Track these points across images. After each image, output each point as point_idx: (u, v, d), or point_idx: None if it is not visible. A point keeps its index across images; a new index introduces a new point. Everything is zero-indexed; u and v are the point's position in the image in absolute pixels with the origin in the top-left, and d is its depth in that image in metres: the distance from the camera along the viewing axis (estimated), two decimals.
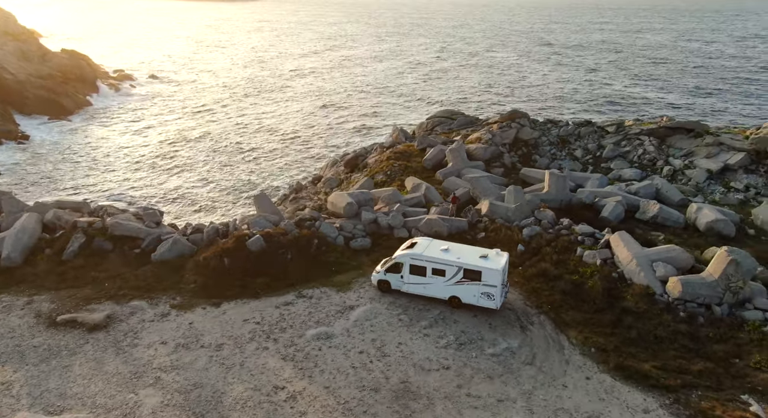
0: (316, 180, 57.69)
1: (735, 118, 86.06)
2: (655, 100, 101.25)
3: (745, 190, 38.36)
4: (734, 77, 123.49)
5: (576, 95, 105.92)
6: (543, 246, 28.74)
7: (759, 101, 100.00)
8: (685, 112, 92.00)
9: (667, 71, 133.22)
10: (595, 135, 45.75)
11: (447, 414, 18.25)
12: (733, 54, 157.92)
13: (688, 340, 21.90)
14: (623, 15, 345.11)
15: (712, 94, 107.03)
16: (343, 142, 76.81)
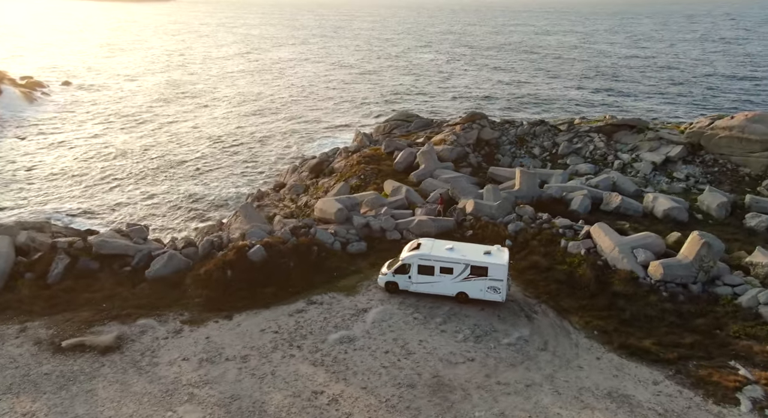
0: (279, 187, 57.45)
1: (644, 113, 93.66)
2: (576, 98, 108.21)
3: (686, 179, 42.47)
4: (641, 75, 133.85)
5: (503, 95, 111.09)
6: (529, 240, 30.76)
7: (662, 97, 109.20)
8: (605, 108, 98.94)
9: (582, 70, 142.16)
10: (549, 133, 48.83)
11: (484, 402, 19.53)
12: (635, 54, 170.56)
13: (674, 317, 24.48)
14: (533, 17, 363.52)
15: (621, 91, 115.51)
16: (284, 148, 76.87)
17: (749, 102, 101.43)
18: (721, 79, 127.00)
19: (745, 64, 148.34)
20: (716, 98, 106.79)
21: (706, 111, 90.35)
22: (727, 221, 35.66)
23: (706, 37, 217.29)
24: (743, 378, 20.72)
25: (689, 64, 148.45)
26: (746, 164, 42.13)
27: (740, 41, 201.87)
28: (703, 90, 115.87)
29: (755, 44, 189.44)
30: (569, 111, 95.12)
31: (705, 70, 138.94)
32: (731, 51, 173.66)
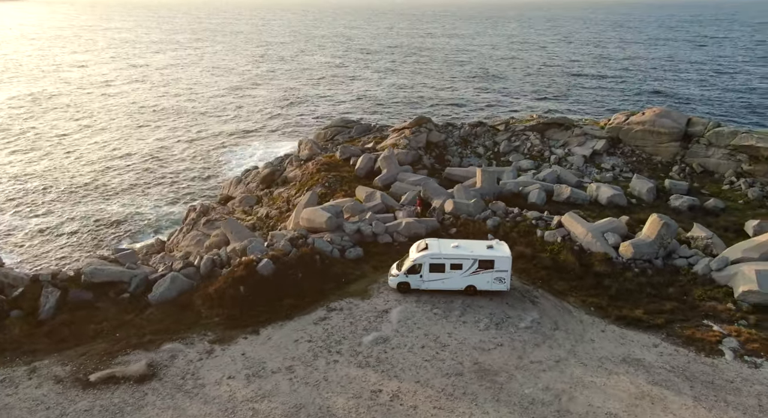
0: (225, 200, 56.37)
1: (524, 111, 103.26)
2: (473, 98, 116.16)
3: (612, 169, 48.17)
4: (522, 74, 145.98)
5: (402, 97, 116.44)
6: (508, 233, 33.73)
7: (541, 95, 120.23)
8: (502, 108, 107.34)
9: (472, 71, 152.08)
10: (489, 134, 52.74)
11: (528, 380, 21.85)
12: (513, 56, 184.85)
13: (650, 288, 28.51)
14: (409, 20, 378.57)
15: (507, 91, 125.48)
16: (195, 160, 76.23)
17: (625, 101, 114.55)
18: (589, 78, 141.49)
19: (609, 65, 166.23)
20: (587, 96, 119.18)
21: (581, 109, 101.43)
22: (656, 203, 41.29)
23: (569, 39, 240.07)
24: (719, 333, 24.95)
25: (561, 64, 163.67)
26: (658, 153, 48.66)
27: (602, 44, 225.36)
28: (569, 89, 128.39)
29: (613, 47, 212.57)
30: (476, 112, 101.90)
31: (573, 70, 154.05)
32: (592, 52, 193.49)
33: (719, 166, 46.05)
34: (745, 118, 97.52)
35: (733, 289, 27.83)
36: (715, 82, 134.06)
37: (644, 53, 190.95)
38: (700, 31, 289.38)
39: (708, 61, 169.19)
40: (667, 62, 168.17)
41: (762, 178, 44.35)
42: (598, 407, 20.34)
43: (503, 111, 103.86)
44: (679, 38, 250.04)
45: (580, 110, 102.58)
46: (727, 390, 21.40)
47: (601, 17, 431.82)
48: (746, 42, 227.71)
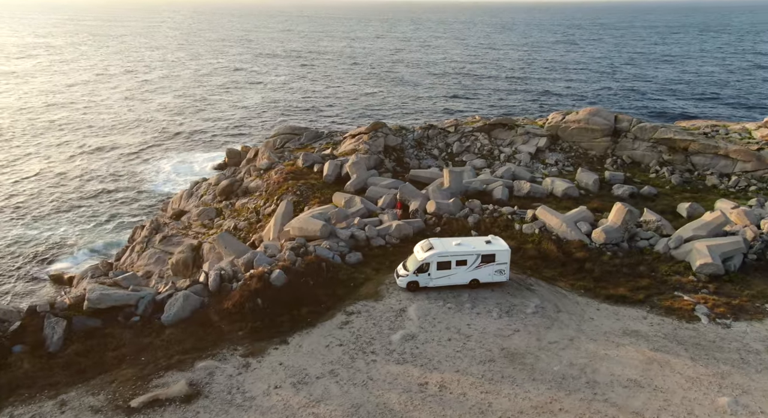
0: (178, 215, 54.72)
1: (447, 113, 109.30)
2: (390, 101, 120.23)
3: (555, 164, 52.65)
4: (431, 76, 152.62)
5: (314, 101, 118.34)
6: (489, 228, 36.31)
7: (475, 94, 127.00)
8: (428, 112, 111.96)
9: (381, 74, 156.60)
10: (441, 136, 55.48)
11: (552, 359, 24.24)
12: (419, 58, 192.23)
13: (625, 268, 32.19)
14: (306, 22, 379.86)
15: (427, 92, 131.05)
16: (103, 179, 74.94)
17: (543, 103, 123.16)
18: (491, 80, 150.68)
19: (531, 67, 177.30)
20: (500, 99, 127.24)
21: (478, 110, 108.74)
22: (601, 193, 45.89)
23: (464, 41, 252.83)
24: (690, 302, 28.95)
25: (460, 65, 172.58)
26: (592, 148, 53.85)
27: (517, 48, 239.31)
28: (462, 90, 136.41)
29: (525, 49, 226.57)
30: (402, 117, 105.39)
31: (475, 71, 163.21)
32: (483, 53, 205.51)
33: (644, 157, 51.91)
34: (637, 109, 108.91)
35: (691, 263, 32.19)
36: (600, 79, 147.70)
37: (535, 55, 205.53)
38: (601, 34, 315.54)
39: (596, 60, 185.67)
40: (549, 63, 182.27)
41: (680, 166, 50.62)
42: (619, 375, 23.15)
43: (423, 113, 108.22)
44: (560, 41, 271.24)
45: (489, 110, 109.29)
46: (713, 349, 25.13)
47: (489, 20, 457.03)
48: (619, 44, 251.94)
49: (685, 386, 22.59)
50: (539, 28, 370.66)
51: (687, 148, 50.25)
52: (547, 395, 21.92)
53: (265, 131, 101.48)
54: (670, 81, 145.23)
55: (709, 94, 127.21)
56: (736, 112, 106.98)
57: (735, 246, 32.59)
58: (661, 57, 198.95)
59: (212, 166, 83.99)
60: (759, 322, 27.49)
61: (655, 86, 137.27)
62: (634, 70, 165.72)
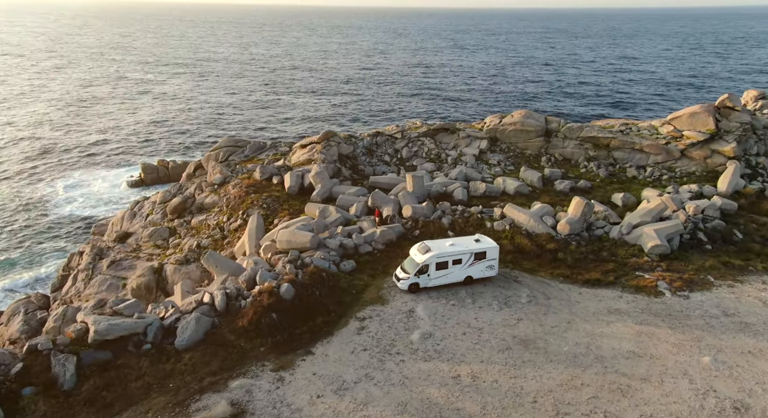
0: (122, 237, 52.04)
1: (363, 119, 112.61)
2: (300, 111, 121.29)
3: (498, 164, 56.55)
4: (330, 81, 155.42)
5: (260, 112, 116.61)
6: (464, 228, 38.75)
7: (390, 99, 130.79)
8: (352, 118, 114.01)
9: (312, 80, 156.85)
10: (389, 142, 57.39)
11: (559, 341, 26.84)
12: (311, 66, 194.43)
13: (591, 255, 35.93)
14: (188, 25, 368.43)
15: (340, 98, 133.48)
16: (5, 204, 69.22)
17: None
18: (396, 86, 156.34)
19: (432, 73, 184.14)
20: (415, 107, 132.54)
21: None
22: (546, 189, 50.17)
23: (360, 47, 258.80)
24: (652, 280, 33.12)
25: (359, 71, 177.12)
26: (528, 147, 58.43)
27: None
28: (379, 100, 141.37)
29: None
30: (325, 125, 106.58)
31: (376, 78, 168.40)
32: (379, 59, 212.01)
33: (573, 154, 57.26)
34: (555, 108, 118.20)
35: (642, 246, 36.66)
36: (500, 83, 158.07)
37: (433, 59, 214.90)
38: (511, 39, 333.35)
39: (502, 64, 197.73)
40: (441, 67, 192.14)
41: (604, 161, 56.44)
42: (618, 348, 26.28)
43: (347, 119, 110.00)
44: (450, 46, 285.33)
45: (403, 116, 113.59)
46: (682, 318, 29.15)
47: (382, 25, 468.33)
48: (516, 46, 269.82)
49: (673, 351, 26.18)
50: (429, 33, 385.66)
51: (609, 145, 56.15)
52: (567, 373, 24.48)
53: (172, 144, 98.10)
54: (566, 84, 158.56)
55: (592, 95, 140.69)
56: (630, 111, 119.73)
57: (675, 228, 37.56)
58: (547, 61, 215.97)
59: (127, 183, 79.86)
60: (708, 291, 32.14)
61: (550, 88, 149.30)
62: (527, 73, 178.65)
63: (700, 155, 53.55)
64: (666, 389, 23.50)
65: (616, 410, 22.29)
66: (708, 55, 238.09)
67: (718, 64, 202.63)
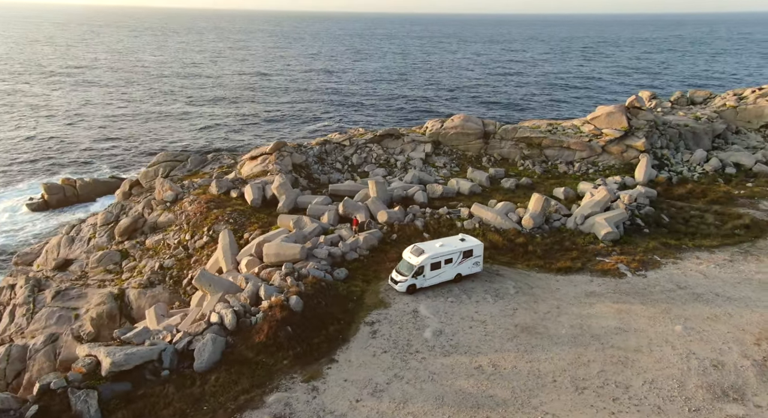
0: (62, 265, 48.55)
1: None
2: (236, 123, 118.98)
3: (444, 166, 59.45)
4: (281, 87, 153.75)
5: (169, 125, 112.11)
6: (437, 229, 40.81)
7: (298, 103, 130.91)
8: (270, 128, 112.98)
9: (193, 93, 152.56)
10: (338, 150, 58.25)
11: (557, 325, 29.46)
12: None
13: (556, 245, 39.40)
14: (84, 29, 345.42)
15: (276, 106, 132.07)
16: None
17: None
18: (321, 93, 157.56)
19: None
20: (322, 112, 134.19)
21: None
22: (495, 187, 53.70)
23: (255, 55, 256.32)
24: (612, 263, 37.12)
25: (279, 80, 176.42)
26: (469, 149, 61.94)
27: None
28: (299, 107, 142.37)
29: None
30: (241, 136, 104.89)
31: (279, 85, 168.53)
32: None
33: (510, 153, 61.57)
34: None
35: (596, 233, 40.81)
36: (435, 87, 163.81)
37: (335, 65, 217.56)
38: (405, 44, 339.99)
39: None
40: (343, 73, 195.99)
41: (537, 159, 61.27)
42: (607, 326, 29.47)
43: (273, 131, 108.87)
44: (349, 50, 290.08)
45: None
46: (647, 294, 33.14)
47: (271, 29, 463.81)
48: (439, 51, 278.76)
49: (650, 324, 29.86)
50: (327, 38, 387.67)
51: (541, 144, 61.05)
52: (572, 352, 27.17)
53: (65, 161, 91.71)
54: (467, 88, 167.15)
55: (487, 98, 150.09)
56: (547, 111, 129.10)
57: (621, 216, 42.19)
58: (462, 63, 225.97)
59: (28, 206, 73.01)
60: (659, 269, 36.65)
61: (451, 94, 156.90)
62: (423, 77, 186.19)
63: (618, 150, 59.82)
64: (656, 357, 26.91)
65: (623, 379, 25.24)
66: (602, 58, 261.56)
67: (607, 68, 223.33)
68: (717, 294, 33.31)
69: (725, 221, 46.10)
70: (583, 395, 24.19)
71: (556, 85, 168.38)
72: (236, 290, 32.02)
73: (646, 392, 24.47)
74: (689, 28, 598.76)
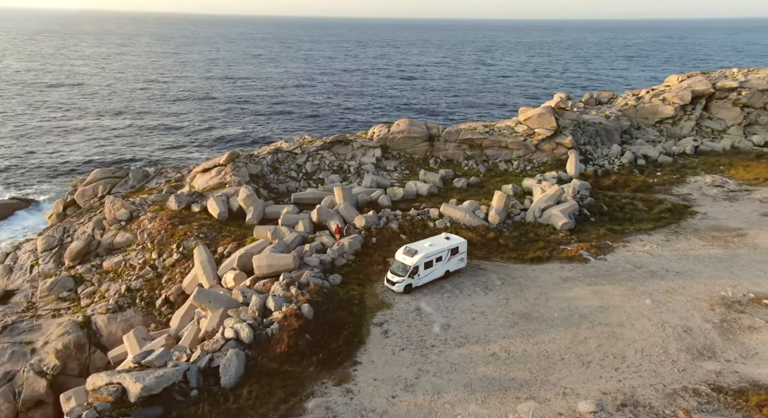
0: (4, 297, 44.85)
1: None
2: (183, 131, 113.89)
3: (395, 170, 61.40)
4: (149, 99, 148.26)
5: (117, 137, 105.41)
6: (412, 230, 42.60)
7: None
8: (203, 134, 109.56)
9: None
10: (290, 158, 58.30)
11: (548, 310, 32.21)
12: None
13: (523, 238, 42.58)
14: None
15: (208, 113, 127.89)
16: None
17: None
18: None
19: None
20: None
21: None
22: (449, 187, 56.47)
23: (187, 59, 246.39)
24: (574, 250, 40.91)
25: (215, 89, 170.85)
26: (415, 152, 64.38)
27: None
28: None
29: None
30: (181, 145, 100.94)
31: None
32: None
33: (454, 155, 64.83)
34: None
35: (554, 225, 44.63)
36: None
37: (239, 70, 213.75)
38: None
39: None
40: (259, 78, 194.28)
41: (479, 158, 65.04)
42: (590, 306, 32.74)
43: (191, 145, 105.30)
44: (262, 55, 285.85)
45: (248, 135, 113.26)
46: (612, 275, 37.03)
47: (158, 32, 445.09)
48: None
49: (624, 300, 33.59)
50: (224, 42, 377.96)
51: (482, 145, 64.87)
52: (569, 332, 30.05)
53: None
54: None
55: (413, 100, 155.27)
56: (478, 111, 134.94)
57: (573, 207, 46.41)
58: (346, 68, 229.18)
59: None
60: (614, 252, 40.95)
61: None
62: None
63: (549, 148, 65.03)
64: (638, 329, 30.48)
65: (618, 351, 28.43)
66: (497, 61, 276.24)
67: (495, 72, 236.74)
68: (667, 270, 37.96)
69: (651, 207, 51.96)
70: (590, 369, 27.01)
71: (450, 90, 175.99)
72: (236, 305, 31.78)
73: (640, 359, 27.77)
74: (567, 33, 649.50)
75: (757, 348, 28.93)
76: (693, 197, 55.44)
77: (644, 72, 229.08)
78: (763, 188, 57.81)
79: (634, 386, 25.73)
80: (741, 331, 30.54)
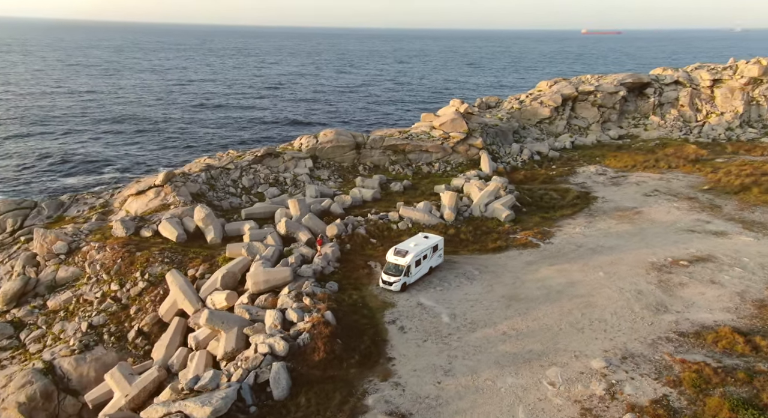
0: None
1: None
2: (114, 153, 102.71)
3: (329, 179, 62.84)
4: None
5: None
6: (379, 234, 44.84)
7: None
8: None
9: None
10: (224, 174, 57.14)
11: (529, 290, 36.39)
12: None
13: (478, 231, 46.80)
14: None
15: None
16: None
17: None
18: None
19: None
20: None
21: None
22: (388, 191, 59.31)
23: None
24: (524, 237, 46.05)
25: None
26: (344, 160, 66.34)
27: None
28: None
29: None
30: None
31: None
32: None
33: (380, 160, 67.89)
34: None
35: (498, 217, 49.65)
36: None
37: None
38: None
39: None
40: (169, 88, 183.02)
41: (403, 163, 68.85)
42: (560, 282, 37.62)
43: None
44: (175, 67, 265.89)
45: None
46: (564, 255, 42.63)
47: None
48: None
49: (583, 275, 39.08)
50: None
51: (405, 150, 68.76)
52: (556, 306, 34.53)
53: None
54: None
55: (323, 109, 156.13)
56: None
57: (511, 201, 51.88)
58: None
59: None
60: (555, 236, 46.87)
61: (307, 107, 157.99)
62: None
63: (463, 149, 70.90)
64: (605, 296, 35.94)
65: (598, 316, 33.42)
66: (353, 71, 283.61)
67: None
68: (602, 246, 44.55)
69: (564, 196, 59.58)
70: (585, 334, 31.61)
71: (315, 100, 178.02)
72: (247, 323, 31.70)
73: (617, 320, 33.01)
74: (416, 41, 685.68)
75: (692, 299, 35.74)
76: (588, 185, 64.25)
77: (489, 78, 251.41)
78: (633, 173, 68.62)
79: (624, 342, 30.73)
80: (676, 287, 37.36)
